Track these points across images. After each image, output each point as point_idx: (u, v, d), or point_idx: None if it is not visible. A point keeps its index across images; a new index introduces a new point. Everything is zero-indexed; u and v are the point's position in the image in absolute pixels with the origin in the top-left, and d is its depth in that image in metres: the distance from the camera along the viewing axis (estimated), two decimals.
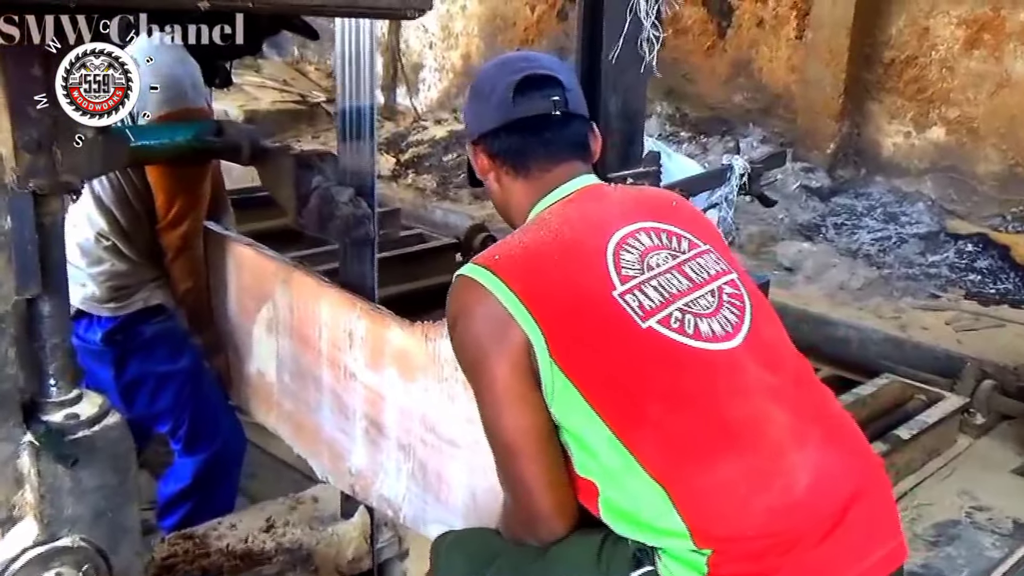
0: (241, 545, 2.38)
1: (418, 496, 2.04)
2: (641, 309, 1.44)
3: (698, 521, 1.35)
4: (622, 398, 1.40)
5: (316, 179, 2.16)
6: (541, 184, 1.62)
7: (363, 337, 2.08)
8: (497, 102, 1.62)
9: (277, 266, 2.31)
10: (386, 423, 2.07)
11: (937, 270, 4.77)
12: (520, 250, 1.50)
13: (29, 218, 1.36)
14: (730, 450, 1.37)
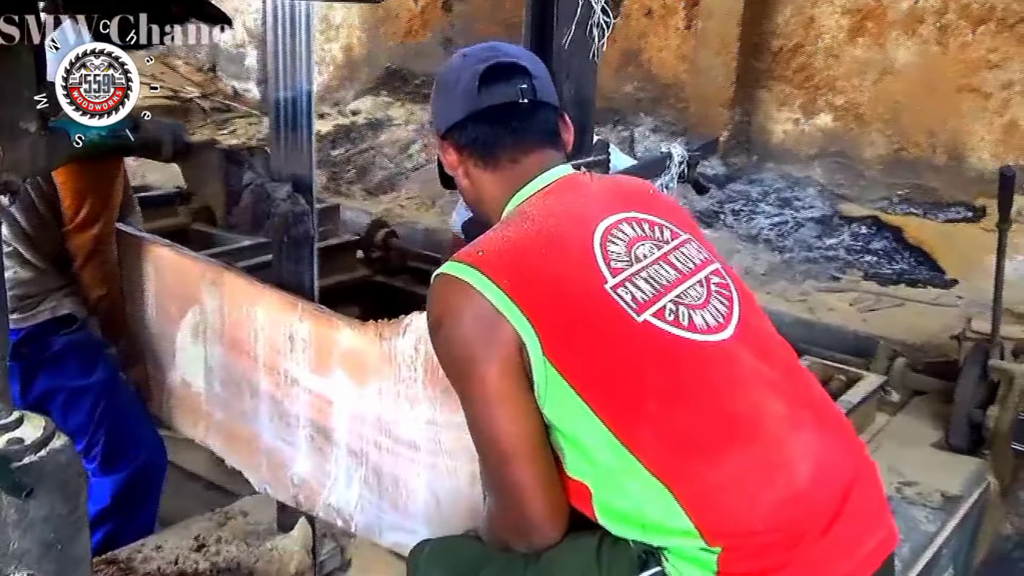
0: (172, 568, 2.24)
1: (372, 504, 1.95)
2: (635, 302, 1.38)
3: (706, 519, 1.30)
4: (620, 396, 1.35)
5: (247, 175, 2.04)
6: (513, 175, 1.55)
7: (306, 340, 1.97)
8: (462, 93, 1.55)
9: (204, 267, 2.17)
10: (334, 429, 1.97)
11: (835, 252, 4.90)
12: (505, 244, 1.43)
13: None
14: (733, 444, 1.34)
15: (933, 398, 3.42)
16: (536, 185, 1.53)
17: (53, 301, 2.32)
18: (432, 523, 1.85)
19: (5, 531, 1.33)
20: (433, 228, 5.69)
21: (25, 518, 1.34)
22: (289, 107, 1.99)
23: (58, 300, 2.33)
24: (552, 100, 1.60)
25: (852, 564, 1.36)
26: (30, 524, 1.35)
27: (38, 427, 1.39)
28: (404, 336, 1.79)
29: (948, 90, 5.39)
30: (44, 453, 1.36)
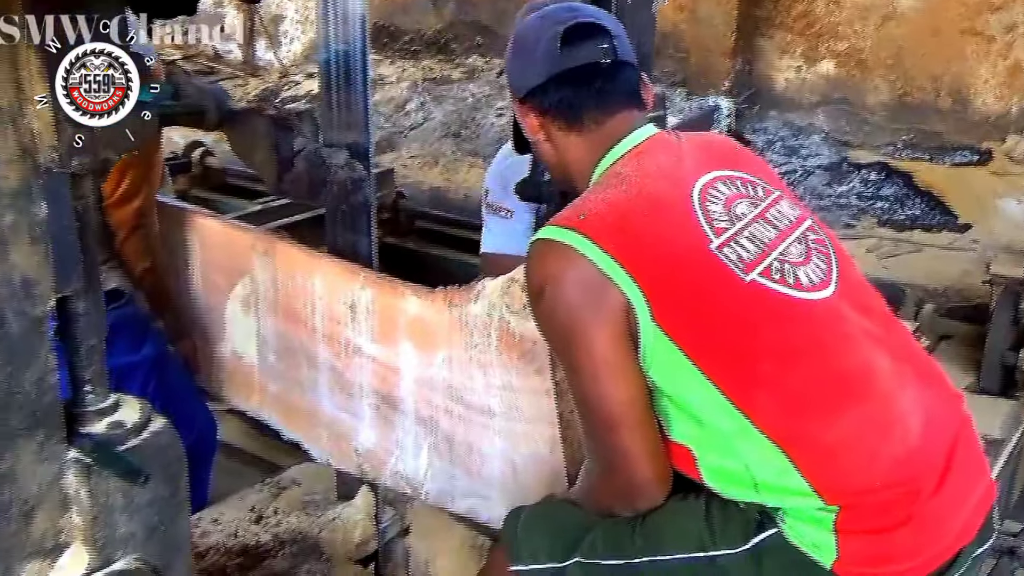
0: (233, 541, 2.23)
1: (444, 471, 1.94)
2: (741, 262, 1.37)
3: (824, 478, 1.30)
4: (732, 358, 1.34)
5: (299, 141, 2.00)
6: (599, 138, 1.52)
7: (369, 308, 1.94)
8: (543, 54, 1.52)
9: (255, 238, 2.14)
10: (401, 398, 1.95)
11: (846, 200, 4.90)
12: (606, 207, 1.41)
13: (67, 204, 1.18)
14: (849, 403, 1.33)
15: (960, 342, 3.44)
16: (625, 146, 1.51)
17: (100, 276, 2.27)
18: (508, 489, 1.84)
19: (112, 516, 1.30)
20: (437, 187, 5.65)
21: (131, 503, 1.32)
22: (342, 65, 1.93)
23: (104, 274, 2.27)
24: (632, 59, 1.57)
25: (964, 516, 1.37)
26: (136, 509, 1.33)
27: (135, 409, 1.36)
28: (476, 303, 1.76)
29: (951, 33, 5.36)
30: (145, 436, 1.33)
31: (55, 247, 1.18)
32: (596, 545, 1.46)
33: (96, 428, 1.30)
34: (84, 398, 1.31)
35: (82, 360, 1.30)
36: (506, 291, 1.70)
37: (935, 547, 1.33)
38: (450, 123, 6.62)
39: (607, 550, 1.46)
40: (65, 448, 1.26)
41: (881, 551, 1.32)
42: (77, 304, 1.26)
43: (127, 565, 1.33)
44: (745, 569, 1.37)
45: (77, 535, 1.29)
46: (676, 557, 1.41)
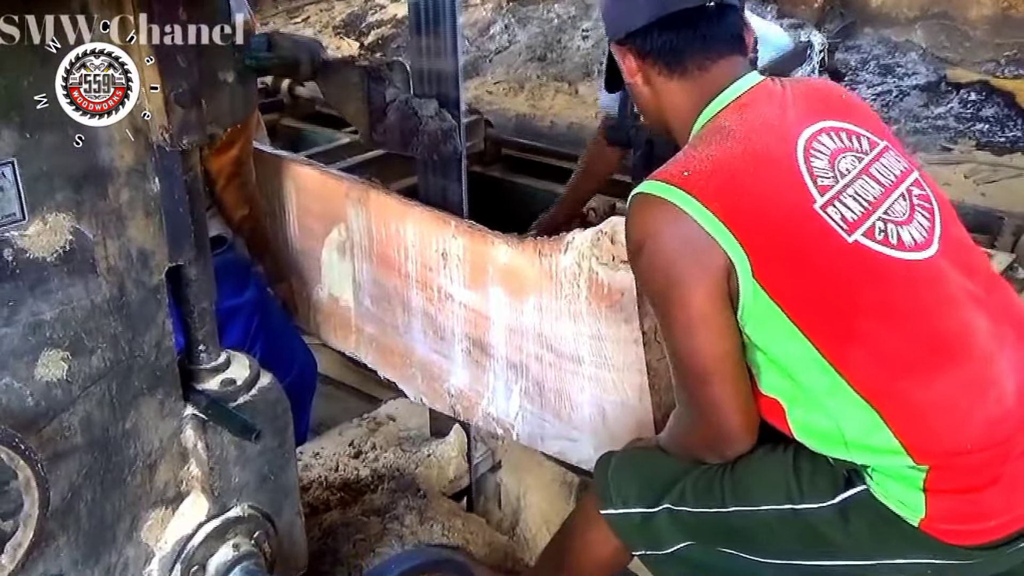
0: (335, 475, 2.33)
1: (534, 414, 1.99)
2: (844, 222, 1.36)
3: (915, 438, 1.31)
4: (831, 317, 1.34)
5: (391, 92, 2.02)
6: (702, 84, 1.49)
7: (460, 256, 1.98)
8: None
9: (349, 186, 2.19)
10: (492, 343, 2.00)
11: (944, 122, 4.73)
12: (712, 164, 1.38)
13: (179, 178, 1.24)
14: (945, 364, 1.33)
15: None
16: (729, 96, 1.48)
17: None
18: (598, 435, 1.89)
19: (227, 467, 1.40)
20: (523, 114, 5.62)
21: (243, 454, 1.41)
22: (431, 10, 1.94)
23: None
24: (735, 1, 1.52)
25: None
26: (248, 459, 1.42)
27: (244, 366, 1.44)
28: (565, 253, 1.79)
29: None
30: (255, 392, 1.42)
31: (168, 220, 1.25)
32: (685, 493, 1.51)
33: (210, 385, 1.39)
34: (199, 357, 1.40)
35: (196, 322, 1.38)
36: (595, 243, 1.72)
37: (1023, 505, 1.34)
38: (535, 46, 6.54)
39: (696, 498, 1.50)
40: (183, 405, 1.35)
41: (969, 509, 1.33)
42: (190, 271, 1.33)
43: (241, 512, 1.43)
44: (832, 523, 1.39)
45: (196, 485, 1.39)
46: (764, 508, 1.44)
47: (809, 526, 1.41)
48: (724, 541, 1.51)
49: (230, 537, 1.41)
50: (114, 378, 1.24)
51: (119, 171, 1.18)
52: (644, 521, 1.56)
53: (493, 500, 2.49)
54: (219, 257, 2.37)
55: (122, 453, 1.28)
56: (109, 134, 1.16)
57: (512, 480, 2.44)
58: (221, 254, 2.37)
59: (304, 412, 2.61)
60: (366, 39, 7.66)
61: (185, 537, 1.37)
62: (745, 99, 1.47)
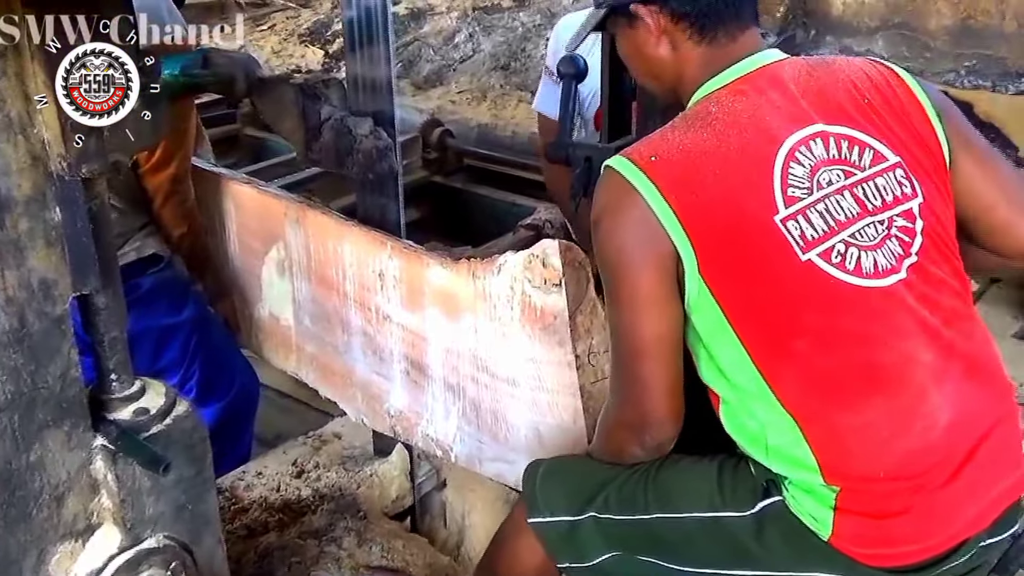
0: (275, 495, 2.31)
1: (472, 436, 1.97)
2: (803, 239, 1.33)
3: (830, 458, 1.32)
4: (769, 330, 1.34)
5: (326, 110, 2.01)
6: (723, 54, 1.43)
7: (396, 277, 1.96)
8: None
9: (286, 205, 2.16)
10: (429, 364, 1.98)
11: None
12: (680, 155, 1.36)
13: (81, 207, 1.21)
14: (875, 392, 1.32)
15: (1010, 285, 3.37)
16: (738, 71, 1.43)
17: (137, 241, 2.33)
18: (534, 455, 1.87)
19: (140, 498, 1.36)
20: (486, 124, 5.61)
21: (157, 485, 1.38)
22: (364, 30, 1.92)
23: (141, 240, 2.34)
24: None
25: (980, 507, 1.36)
26: (162, 490, 1.39)
27: (160, 394, 1.41)
28: (498, 275, 1.77)
29: None
30: (170, 421, 1.38)
31: (71, 249, 1.22)
32: (610, 500, 1.50)
33: (122, 415, 1.36)
34: (110, 386, 1.37)
35: (106, 351, 1.35)
36: (527, 266, 1.70)
37: (937, 536, 1.33)
38: (499, 55, 6.53)
39: (621, 505, 1.49)
40: (92, 436, 1.32)
41: (876, 534, 1.33)
42: (98, 300, 1.30)
43: (156, 543, 1.40)
44: (748, 532, 1.39)
45: (107, 516, 1.36)
46: (687, 515, 1.45)
47: (729, 535, 1.41)
48: (646, 549, 1.51)
49: (143, 569, 1.37)
50: (16, 411, 1.21)
51: (17, 200, 1.15)
52: (570, 530, 1.55)
53: (439, 519, 2.47)
54: (156, 276, 2.35)
55: (27, 487, 1.25)
56: (6, 163, 1.13)
57: (457, 499, 2.43)
58: (158, 272, 2.35)
59: (246, 431, 2.59)
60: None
61: (95, 571, 1.34)
62: (747, 83, 1.42)
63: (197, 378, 2.45)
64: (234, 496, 2.31)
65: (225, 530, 2.17)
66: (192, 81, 2.07)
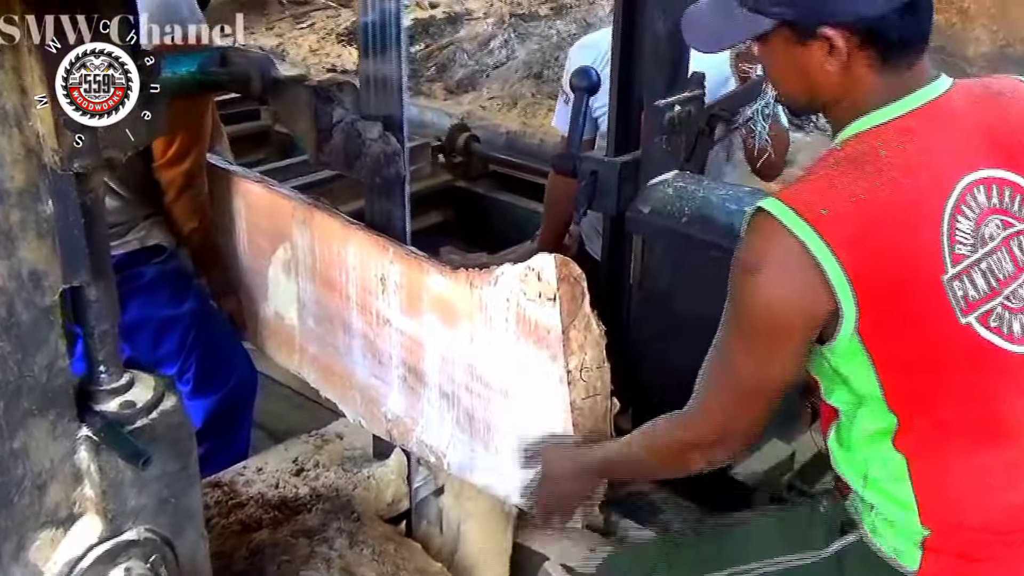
0: (274, 492, 2.31)
1: (464, 444, 1.98)
2: (964, 300, 1.30)
3: (931, 501, 1.33)
4: (912, 383, 1.32)
5: (338, 112, 2.02)
6: (898, 82, 1.35)
7: (397, 283, 1.97)
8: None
9: (294, 205, 2.18)
10: (426, 370, 1.99)
11: None
12: (853, 208, 1.28)
13: (73, 201, 1.23)
14: (991, 445, 1.33)
15: None
16: (907, 104, 1.34)
17: (142, 231, 2.38)
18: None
19: (122, 490, 1.38)
20: (514, 131, 5.62)
21: (140, 477, 1.40)
22: (378, 36, 1.93)
23: (147, 230, 2.38)
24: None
25: None
26: (145, 483, 1.41)
27: (148, 388, 1.43)
28: (495, 286, 1.78)
29: None
30: (156, 415, 1.40)
31: (62, 241, 1.24)
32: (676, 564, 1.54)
33: (108, 407, 1.38)
34: (98, 378, 1.39)
35: (96, 343, 1.37)
36: (523, 279, 1.71)
37: None
38: (532, 63, 6.55)
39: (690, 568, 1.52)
40: (77, 426, 1.34)
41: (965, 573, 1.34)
42: (89, 292, 1.33)
43: (137, 535, 1.42)
44: (829, 572, 1.42)
45: (90, 506, 1.38)
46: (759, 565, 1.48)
47: None
48: None
49: (123, 560, 1.39)
50: (2, 399, 1.23)
51: (10, 192, 1.17)
52: None
53: (435, 525, 2.46)
54: (159, 266, 2.40)
55: (9, 473, 1.27)
56: (0, 155, 1.15)
57: (453, 506, 2.42)
58: (161, 263, 2.38)
59: (243, 425, 2.62)
60: None
61: (75, 559, 1.36)
62: (916, 118, 1.34)
63: (194, 370, 2.49)
64: (233, 491, 2.32)
65: (220, 525, 2.19)
66: (208, 79, 2.10)
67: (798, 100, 1.46)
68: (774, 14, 1.36)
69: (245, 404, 2.61)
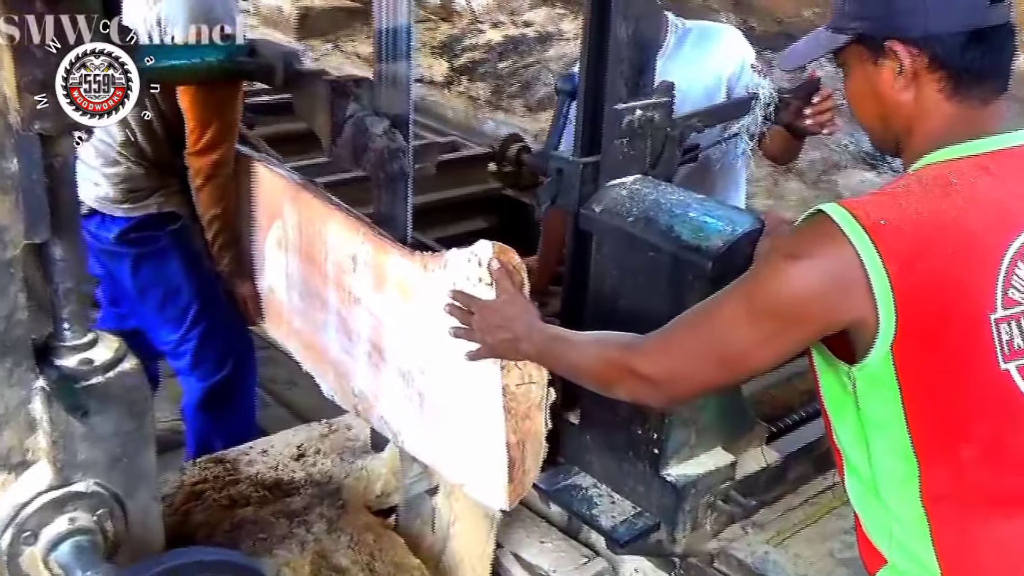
0: (271, 473, 2.36)
1: (417, 422, 2.01)
2: (1008, 347, 1.26)
3: (955, 567, 1.29)
4: (940, 426, 1.28)
5: (351, 107, 2.07)
6: (971, 117, 1.32)
7: (366, 262, 2.03)
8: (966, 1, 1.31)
9: (286, 184, 2.27)
10: (386, 348, 2.04)
11: None
12: (912, 225, 1.24)
13: (37, 160, 1.30)
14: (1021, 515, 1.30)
15: None
16: (985, 145, 1.32)
17: (161, 197, 2.55)
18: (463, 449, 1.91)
19: (72, 442, 1.44)
20: None
21: (92, 432, 1.45)
22: (390, 38, 1.98)
23: (166, 197, 2.55)
24: None
25: None
26: (97, 438, 1.46)
27: (110, 348, 1.49)
28: (444, 269, 1.80)
29: None
30: (112, 375, 1.46)
31: (25, 199, 1.31)
32: None
33: (67, 362, 1.44)
34: (61, 334, 1.46)
35: (60, 300, 1.44)
36: (467, 263, 1.74)
37: None
38: None
39: None
40: (34, 376, 1.41)
41: None
42: (53, 250, 1.39)
43: (85, 488, 1.47)
44: None
45: (41, 455, 1.44)
46: None
47: None
48: None
49: (68, 510, 1.45)
50: None
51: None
52: None
53: (428, 524, 2.48)
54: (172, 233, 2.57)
55: None
56: None
57: (445, 506, 2.43)
58: (174, 231, 2.56)
59: (242, 407, 2.72)
60: (457, 61, 7.79)
61: (21, 503, 1.42)
62: (993, 159, 1.31)
63: (193, 345, 2.65)
64: (234, 468, 2.38)
65: (211, 498, 2.26)
66: (234, 68, 2.18)
67: (874, 128, 1.43)
68: (850, 29, 1.38)
69: (242, 388, 2.73)
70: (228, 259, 2.48)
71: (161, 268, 2.56)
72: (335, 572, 2.10)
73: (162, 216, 2.54)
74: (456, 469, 1.95)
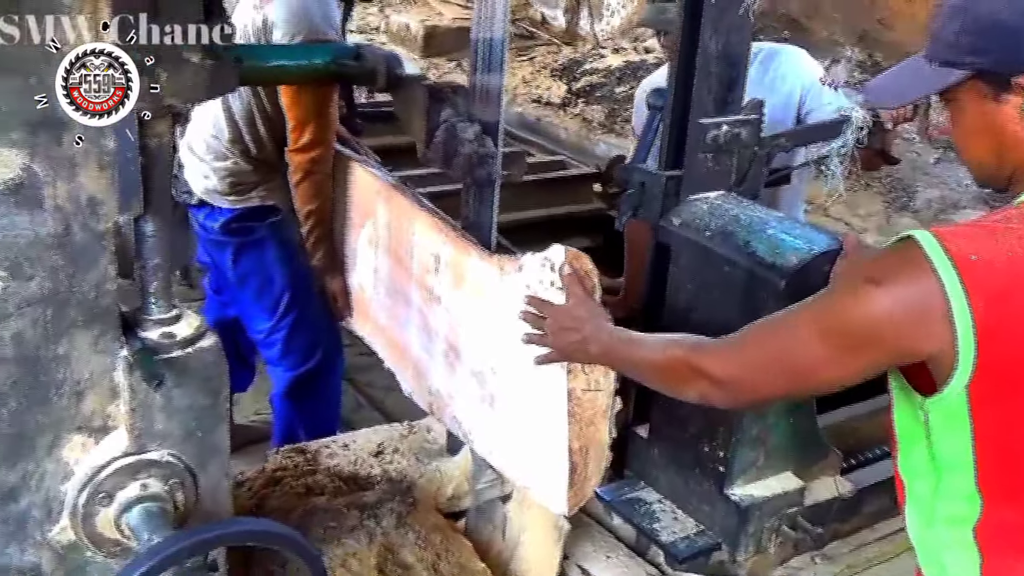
0: (349, 467, 2.42)
1: (488, 425, 2.04)
2: None
3: None
4: (1008, 470, 1.27)
5: (446, 112, 2.12)
6: None
7: (448, 262, 2.07)
8: None
9: (380, 184, 2.34)
10: (462, 348, 2.07)
11: None
12: (1005, 262, 1.21)
13: (132, 140, 1.37)
14: None
15: None
16: None
17: (264, 191, 2.68)
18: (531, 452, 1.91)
19: (150, 412, 1.51)
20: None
21: (169, 404, 1.52)
22: (486, 50, 2.03)
23: (268, 191, 2.68)
24: None
25: None
26: (174, 410, 1.53)
27: (192, 325, 1.55)
28: (520, 273, 1.83)
29: None
30: (191, 350, 1.52)
31: (121, 175, 1.38)
32: None
33: (150, 334, 1.52)
34: (148, 307, 1.53)
35: (148, 274, 1.51)
36: (541, 267, 1.76)
37: None
38: None
39: None
40: (119, 346, 1.48)
41: None
42: (145, 227, 1.47)
43: (159, 457, 1.54)
44: None
45: (121, 422, 1.52)
46: None
47: None
48: None
49: (141, 477, 1.51)
50: (50, 306, 1.38)
51: (76, 123, 1.32)
52: None
53: (499, 531, 2.50)
54: (271, 226, 2.70)
55: (51, 375, 1.42)
56: None
57: (517, 514, 2.44)
58: (273, 224, 2.70)
59: (326, 400, 2.79)
60: (576, 84, 7.84)
61: (98, 467, 1.49)
62: None
63: (284, 335, 2.75)
64: (314, 460, 2.45)
65: (288, 484, 2.32)
66: (339, 70, 2.27)
67: (984, 166, 1.37)
68: (967, 64, 1.30)
69: (328, 381, 2.81)
70: (321, 253, 2.56)
71: (259, 257, 2.69)
72: (400, 567, 2.13)
73: (263, 209, 2.68)
74: (521, 471, 1.98)
